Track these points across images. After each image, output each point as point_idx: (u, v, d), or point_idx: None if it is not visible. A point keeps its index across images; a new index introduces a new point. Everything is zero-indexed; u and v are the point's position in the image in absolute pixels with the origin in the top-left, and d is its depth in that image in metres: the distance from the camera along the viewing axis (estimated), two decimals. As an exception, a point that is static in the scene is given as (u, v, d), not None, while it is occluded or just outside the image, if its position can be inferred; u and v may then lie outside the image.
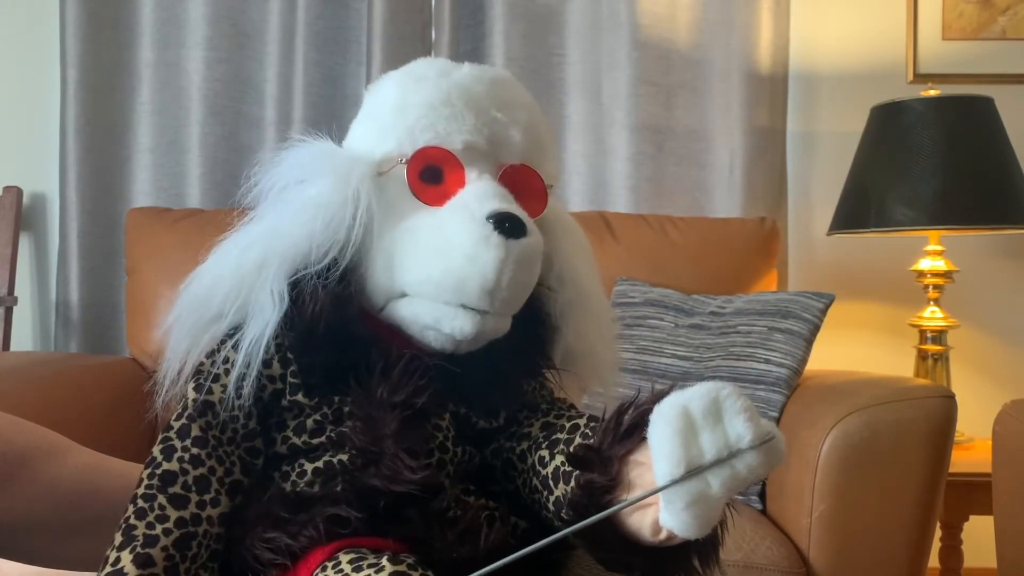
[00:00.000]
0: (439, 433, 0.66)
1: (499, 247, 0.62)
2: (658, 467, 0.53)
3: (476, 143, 0.68)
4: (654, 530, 0.55)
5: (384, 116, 0.70)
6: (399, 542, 0.60)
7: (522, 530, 0.67)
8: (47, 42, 2.06)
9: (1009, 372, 2.11)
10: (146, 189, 2.03)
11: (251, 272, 0.65)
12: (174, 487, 0.62)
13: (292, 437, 0.66)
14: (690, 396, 0.54)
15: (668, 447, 0.52)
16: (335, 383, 0.65)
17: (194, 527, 0.61)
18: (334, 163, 0.68)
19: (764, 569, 1.26)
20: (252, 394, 0.64)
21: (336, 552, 0.58)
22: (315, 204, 0.65)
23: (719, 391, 0.54)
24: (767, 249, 1.85)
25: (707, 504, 0.53)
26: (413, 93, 0.70)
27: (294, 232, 0.65)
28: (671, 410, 0.53)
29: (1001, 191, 1.75)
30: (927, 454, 1.27)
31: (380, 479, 0.61)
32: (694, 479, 0.52)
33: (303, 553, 0.59)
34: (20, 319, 2.05)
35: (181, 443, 0.64)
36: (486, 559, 0.60)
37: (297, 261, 0.64)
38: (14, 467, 0.73)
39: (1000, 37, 2.12)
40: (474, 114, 0.68)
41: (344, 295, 0.65)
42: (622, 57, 2.03)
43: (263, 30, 2.05)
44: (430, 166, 0.67)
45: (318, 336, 0.64)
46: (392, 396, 0.63)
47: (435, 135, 0.68)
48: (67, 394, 1.52)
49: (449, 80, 0.70)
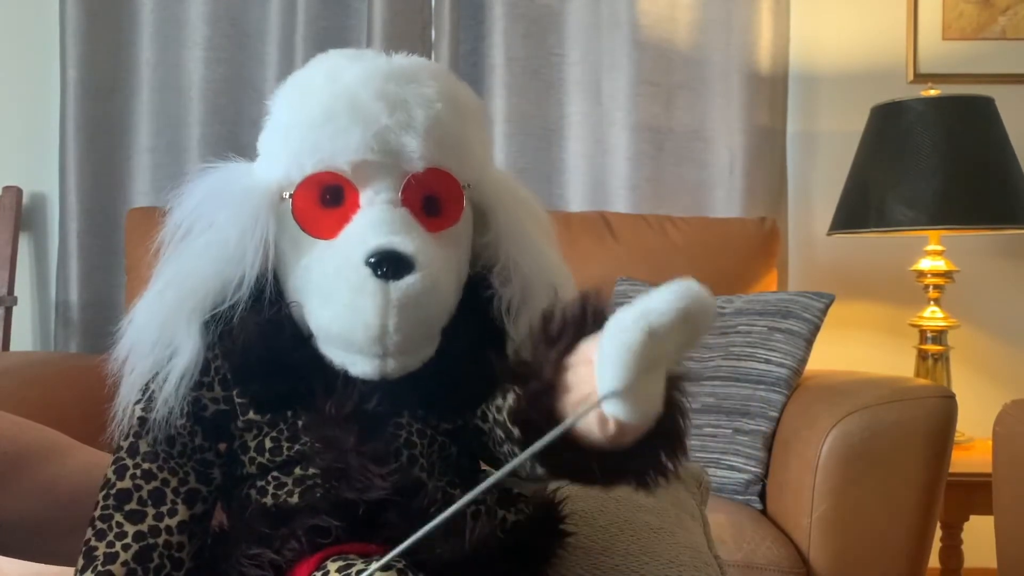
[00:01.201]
0: (401, 431, 0.65)
1: (375, 294, 0.59)
2: (603, 384, 0.49)
3: (367, 159, 0.63)
4: (600, 423, 0.52)
5: (273, 138, 0.68)
6: (383, 545, 0.60)
7: (511, 523, 0.66)
8: (47, 42, 2.06)
9: (1009, 372, 2.11)
10: (146, 189, 2.03)
11: (169, 316, 0.64)
12: (130, 504, 0.63)
13: (257, 457, 0.66)
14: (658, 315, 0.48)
15: (622, 373, 0.48)
16: (281, 399, 0.65)
17: (153, 539, 0.62)
18: (232, 196, 0.66)
19: (764, 569, 1.26)
20: (189, 415, 0.65)
21: (323, 561, 0.58)
22: (217, 241, 0.64)
23: (689, 304, 0.48)
24: (767, 249, 1.85)
25: (652, 387, 0.50)
26: (297, 109, 0.66)
27: (200, 273, 0.64)
28: (633, 335, 0.47)
29: (1001, 191, 1.75)
30: (927, 454, 1.27)
31: (353, 492, 0.60)
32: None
33: (289, 566, 0.59)
34: (20, 319, 2.05)
35: (132, 460, 0.64)
36: (472, 554, 0.60)
37: (210, 298, 0.64)
38: (16, 465, 0.73)
39: (1000, 37, 2.12)
40: (361, 127, 0.63)
41: (275, 323, 0.64)
42: (622, 57, 2.02)
43: (263, 30, 2.05)
44: (328, 186, 0.64)
45: (251, 365, 0.64)
46: (341, 409, 0.62)
47: (320, 159, 0.64)
48: (67, 394, 1.52)
49: (335, 87, 0.65)
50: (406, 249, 0.60)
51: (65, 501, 0.74)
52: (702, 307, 0.49)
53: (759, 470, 1.43)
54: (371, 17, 2.00)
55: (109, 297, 2.02)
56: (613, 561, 0.75)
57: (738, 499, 1.44)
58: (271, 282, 0.65)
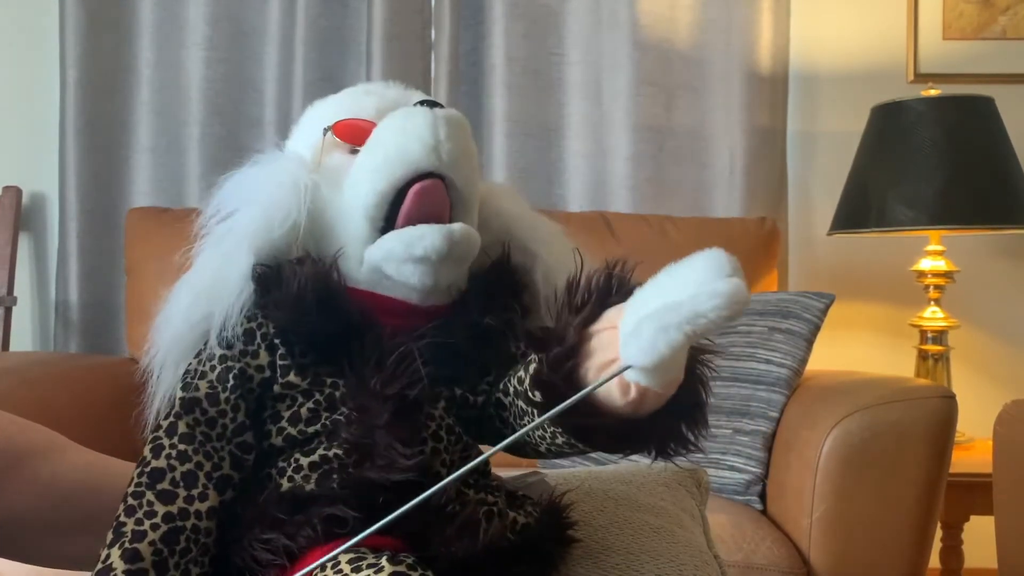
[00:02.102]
0: (432, 423, 0.65)
1: (426, 113, 0.65)
2: (631, 350, 0.51)
3: (385, 108, 0.71)
4: (622, 388, 0.54)
5: (302, 132, 0.75)
6: (397, 538, 0.60)
7: (521, 525, 0.66)
8: (47, 42, 2.06)
9: (1009, 372, 2.11)
10: (146, 189, 2.03)
11: (220, 269, 0.67)
12: (162, 483, 0.63)
13: (288, 428, 0.66)
14: (704, 323, 0.49)
15: (656, 355, 0.49)
16: (327, 360, 0.66)
17: (182, 521, 0.62)
18: (271, 169, 0.70)
19: (764, 569, 1.26)
20: (235, 387, 0.65)
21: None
22: (261, 193, 0.68)
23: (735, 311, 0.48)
24: (767, 249, 1.85)
25: (679, 359, 0.52)
26: (320, 105, 0.76)
27: (249, 216, 0.67)
28: (677, 334, 0.49)
29: (1001, 191, 1.75)
30: (928, 454, 1.27)
31: (375, 471, 0.61)
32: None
33: (301, 553, 0.59)
34: (20, 319, 2.05)
35: (169, 440, 0.64)
36: (485, 554, 0.60)
37: (260, 239, 0.66)
38: (13, 464, 0.73)
39: (1000, 37, 2.12)
40: (377, 96, 0.73)
41: (325, 268, 0.66)
42: (622, 57, 2.02)
43: (263, 30, 2.05)
44: (351, 136, 0.70)
45: (306, 308, 0.65)
46: (385, 388, 0.63)
47: (348, 112, 0.72)
48: (67, 394, 1.52)
49: (362, 87, 0.76)
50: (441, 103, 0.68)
51: (63, 501, 0.73)
52: (742, 310, 0.50)
53: (759, 470, 1.43)
54: (371, 17, 2.00)
55: (109, 297, 2.02)
56: (613, 560, 0.75)
57: (738, 499, 1.43)
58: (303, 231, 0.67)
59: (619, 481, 0.87)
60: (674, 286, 0.51)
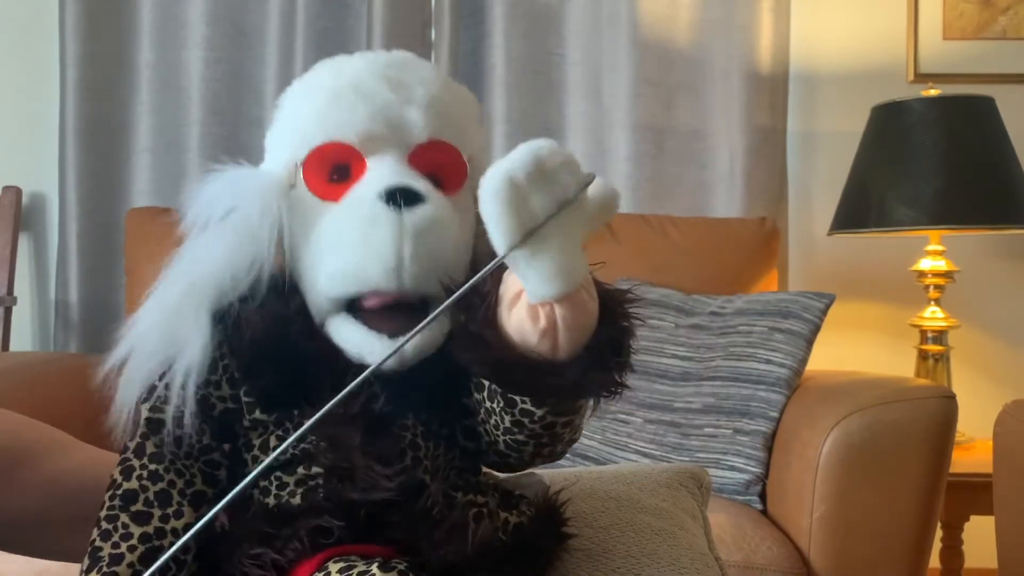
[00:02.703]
0: (406, 432, 0.65)
1: (389, 222, 0.61)
2: (497, 242, 0.52)
3: (373, 130, 0.67)
4: (532, 314, 0.55)
5: (281, 132, 0.71)
6: (387, 545, 0.60)
7: (513, 525, 0.66)
8: (47, 42, 2.06)
9: (1009, 372, 2.11)
10: (146, 189, 2.02)
11: (178, 309, 0.64)
12: (136, 505, 0.62)
13: (260, 455, 0.66)
14: (512, 162, 0.52)
15: (501, 220, 0.52)
16: (288, 397, 0.65)
17: (159, 540, 0.62)
18: (242, 186, 0.67)
19: (764, 569, 1.25)
20: (198, 413, 0.64)
21: (325, 561, 0.58)
22: (229, 228, 0.65)
23: (538, 149, 0.53)
24: (767, 249, 1.85)
25: (558, 255, 0.53)
26: (304, 102, 0.70)
27: (211, 259, 0.65)
28: (495, 182, 0.52)
29: (1001, 191, 1.75)
30: (928, 454, 1.27)
31: (357, 492, 0.60)
32: (532, 239, 0.52)
33: (290, 566, 0.59)
34: (20, 319, 2.05)
35: (139, 461, 0.64)
36: (475, 556, 0.60)
37: (220, 287, 0.64)
38: (18, 461, 0.73)
39: (1000, 37, 2.12)
40: (365, 103, 0.67)
41: (282, 316, 0.64)
42: (622, 57, 2.02)
43: (263, 30, 2.05)
44: (337, 165, 0.67)
45: (259, 360, 0.64)
46: (348, 409, 0.62)
47: (327, 134, 0.67)
48: (67, 394, 1.52)
49: (339, 79, 0.69)
50: (418, 186, 0.64)
51: (67, 497, 0.74)
52: (553, 152, 0.53)
53: (759, 470, 1.43)
54: (371, 17, 2.00)
55: (109, 297, 2.01)
56: (614, 563, 0.75)
57: (738, 499, 1.43)
58: (268, 272, 0.66)
59: (621, 482, 0.87)
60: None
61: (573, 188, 0.54)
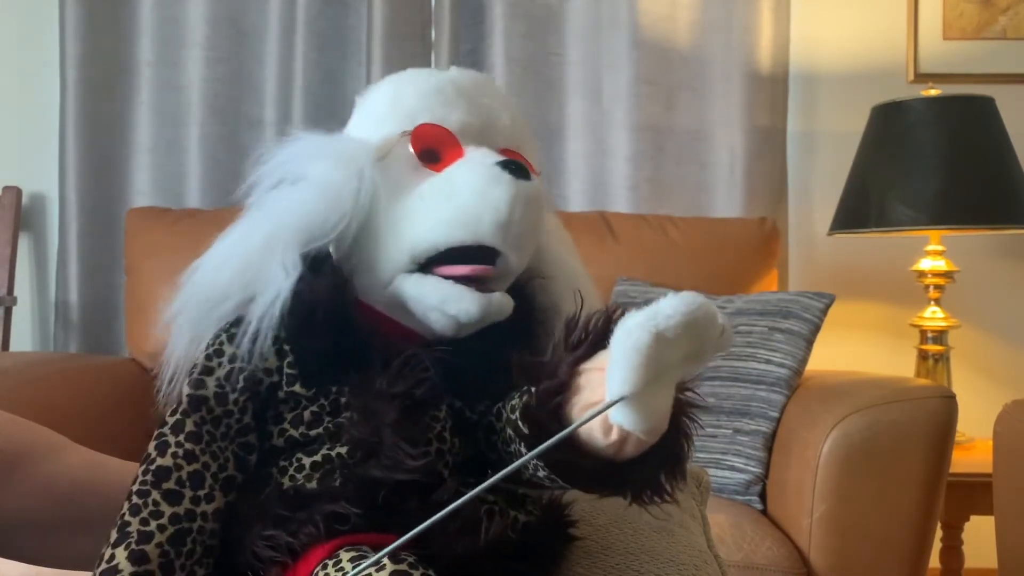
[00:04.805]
0: (437, 424, 0.65)
1: (510, 184, 0.64)
2: (614, 386, 0.52)
3: (471, 123, 0.70)
4: (605, 429, 0.54)
5: (379, 109, 0.73)
6: (400, 535, 0.60)
7: (522, 524, 0.66)
8: (47, 42, 2.06)
9: (1009, 372, 2.11)
10: (146, 189, 2.03)
11: (258, 250, 0.64)
12: (168, 483, 0.62)
13: (289, 429, 0.65)
14: (665, 319, 0.51)
15: (632, 373, 0.51)
16: (332, 372, 0.65)
17: (188, 523, 0.61)
18: (334, 147, 0.69)
19: (764, 569, 1.25)
20: (243, 389, 0.64)
21: (336, 549, 0.58)
22: (319, 184, 0.66)
23: (695, 310, 0.51)
24: (767, 249, 1.85)
25: (655, 399, 0.52)
26: (407, 86, 0.73)
27: (300, 209, 0.65)
28: (643, 336, 0.51)
29: (1001, 191, 1.75)
30: (928, 454, 1.27)
31: (380, 469, 0.60)
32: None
33: (303, 550, 0.59)
34: (20, 319, 2.05)
35: (175, 438, 0.63)
36: (486, 553, 0.60)
37: (304, 235, 0.65)
38: (13, 464, 0.73)
39: (1000, 37, 2.12)
40: (466, 100, 0.72)
41: (340, 283, 0.65)
42: (622, 57, 2.02)
43: (263, 30, 2.05)
44: (428, 149, 0.68)
45: (316, 322, 0.64)
46: (392, 387, 0.63)
47: (432, 116, 0.70)
48: (67, 394, 1.52)
49: (439, 76, 0.74)
50: (525, 166, 0.66)
51: (63, 500, 0.73)
52: (708, 317, 0.52)
53: (759, 470, 1.43)
54: (371, 17, 2.00)
55: (109, 297, 2.02)
56: (613, 560, 0.75)
57: (738, 499, 1.43)
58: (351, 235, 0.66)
59: (619, 481, 0.87)
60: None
61: (709, 349, 0.53)
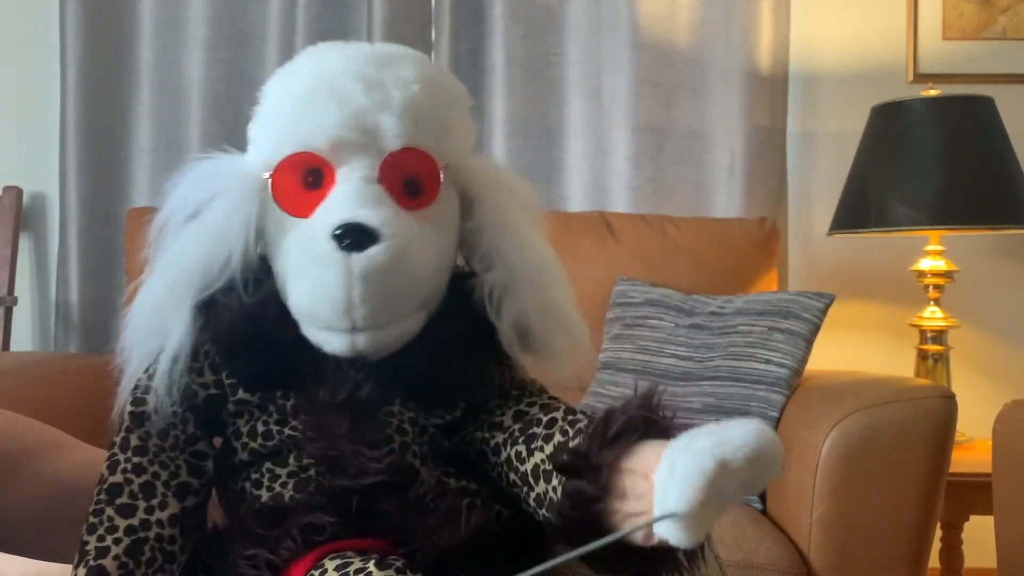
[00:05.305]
0: (392, 419, 0.65)
1: (338, 265, 0.60)
2: (667, 502, 0.51)
3: (344, 137, 0.65)
4: (647, 537, 0.54)
5: (259, 125, 0.71)
6: (379, 539, 0.60)
7: (506, 517, 0.66)
8: (47, 42, 2.06)
9: (1009, 372, 2.11)
10: (146, 189, 2.03)
11: (158, 304, 0.66)
12: (121, 498, 0.63)
13: (250, 442, 0.66)
14: (733, 449, 0.50)
15: (691, 496, 0.50)
16: (271, 380, 0.66)
17: (144, 532, 0.62)
18: (221, 180, 0.68)
19: (764, 569, 1.26)
20: (181, 402, 0.66)
21: (320, 559, 0.58)
22: (206, 223, 0.66)
23: (763, 446, 0.51)
24: (767, 249, 1.85)
25: (702, 522, 0.52)
26: (282, 96, 0.69)
27: (193, 253, 0.66)
28: (709, 463, 0.50)
29: (1001, 191, 1.75)
30: (927, 454, 1.27)
31: (347, 478, 0.61)
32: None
33: (286, 565, 0.59)
34: (20, 319, 2.05)
35: (123, 455, 0.65)
36: (468, 544, 0.60)
37: (198, 280, 0.65)
38: (18, 462, 0.73)
39: (1000, 37, 2.12)
40: (337, 107, 0.65)
41: (259, 303, 0.65)
42: (622, 57, 2.02)
43: (263, 30, 2.05)
44: (309, 168, 0.65)
45: (238, 345, 0.65)
46: (334, 396, 0.63)
47: (299, 139, 0.66)
48: (67, 394, 1.52)
49: (319, 73, 0.67)
50: (370, 221, 0.61)
51: (68, 497, 0.74)
52: (773, 453, 0.52)
53: (759, 470, 1.43)
54: (371, 17, 2.00)
55: (109, 297, 2.01)
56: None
57: (738, 499, 1.43)
58: (254, 265, 0.67)
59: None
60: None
61: (766, 478, 0.53)
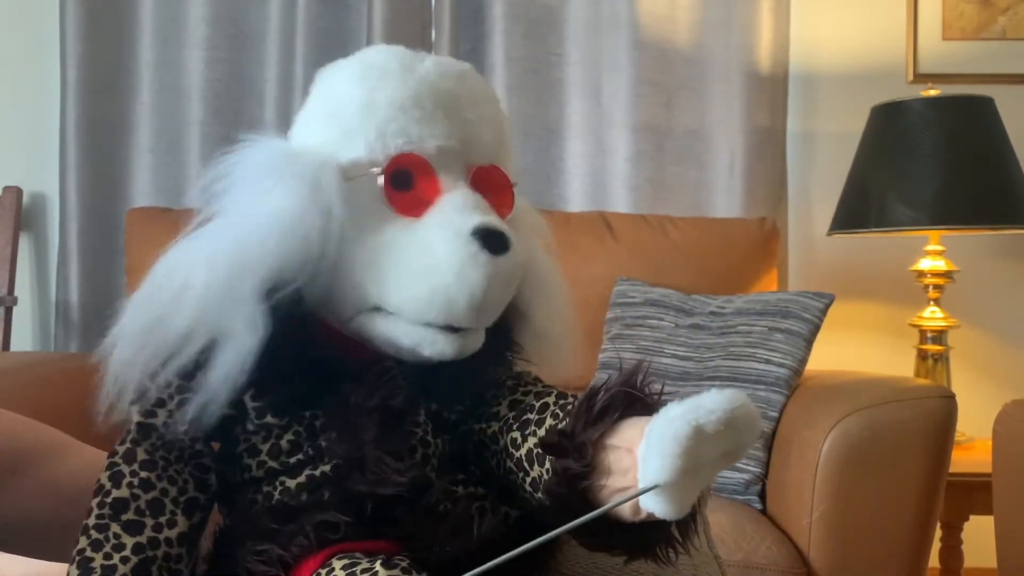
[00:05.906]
0: (417, 429, 0.65)
1: (486, 265, 0.60)
2: (649, 473, 0.52)
3: (450, 148, 0.65)
4: (634, 511, 0.54)
5: (349, 116, 0.66)
6: (391, 542, 0.60)
7: (514, 519, 0.66)
8: (47, 42, 2.06)
9: (1009, 372, 2.11)
10: (146, 189, 2.03)
11: (216, 296, 0.60)
12: (127, 514, 0.60)
13: (268, 461, 0.63)
14: (707, 413, 0.51)
15: (669, 463, 0.51)
16: (303, 400, 0.63)
17: (152, 551, 0.60)
18: (298, 169, 0.64)
19: (764, 569, 1.26)
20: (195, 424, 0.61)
21: (329, 558, 0.58)
22: (284, 216, 0.61)
23: (736, 408, 0.51)
24: (767, 249, 1.85)
25: (688, 492, 0.52)
26: (379, 90, 0.65)
27: (263, 247, 0.61)
28: (684, 428, 0.51)
29: (1001, 191, 1.75)
30: (927, 454, 1.27)
31: (366, 484, 0.59)
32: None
33: (296, 562, 0.58)
34: (20, 319, 2.05)
35: (129, 468, 0.61)
36: (479, 551, 0.60)
37: (268, 279, 0.60)
38: (19, 463, 0.73)
39: (1000, 37, 2.12)
40: (445, 115, 0.65)
41: (299, 319, 0.62)
42: (622, 57, 2.03)
43: (263, 30, 2.05)
44: (400, 171, 0.64)
45: (277, 370, 0.61)
46: (367, 400, 0.61)
47: (407, 140, 0.64)
48: (67, 394, 1.52)
49: (415, 76, 0.66)
50: (505, 230, 0.62)
51: (68, 498, 0.73)
52: (749, 417, 0.52)
53: (759, 470, 1.43)
54: (371, 17, 2.00)
55: (109, 297, 2.01)
56: (612, 561, 0.75)
57: (738, 499, 1.44)
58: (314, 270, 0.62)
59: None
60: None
61: (744, 448, 0.53)
